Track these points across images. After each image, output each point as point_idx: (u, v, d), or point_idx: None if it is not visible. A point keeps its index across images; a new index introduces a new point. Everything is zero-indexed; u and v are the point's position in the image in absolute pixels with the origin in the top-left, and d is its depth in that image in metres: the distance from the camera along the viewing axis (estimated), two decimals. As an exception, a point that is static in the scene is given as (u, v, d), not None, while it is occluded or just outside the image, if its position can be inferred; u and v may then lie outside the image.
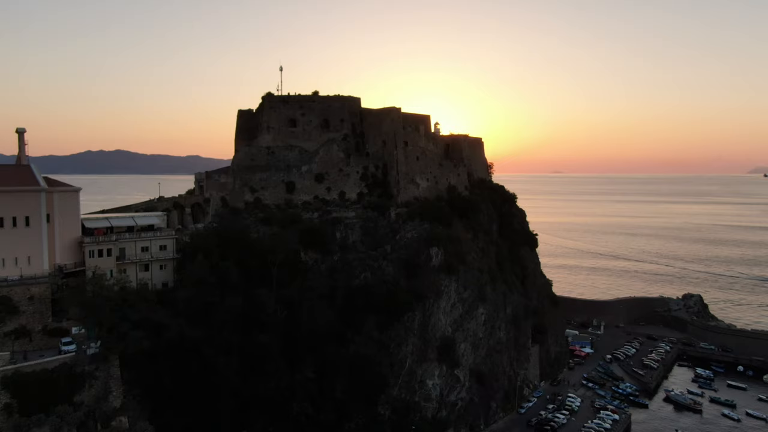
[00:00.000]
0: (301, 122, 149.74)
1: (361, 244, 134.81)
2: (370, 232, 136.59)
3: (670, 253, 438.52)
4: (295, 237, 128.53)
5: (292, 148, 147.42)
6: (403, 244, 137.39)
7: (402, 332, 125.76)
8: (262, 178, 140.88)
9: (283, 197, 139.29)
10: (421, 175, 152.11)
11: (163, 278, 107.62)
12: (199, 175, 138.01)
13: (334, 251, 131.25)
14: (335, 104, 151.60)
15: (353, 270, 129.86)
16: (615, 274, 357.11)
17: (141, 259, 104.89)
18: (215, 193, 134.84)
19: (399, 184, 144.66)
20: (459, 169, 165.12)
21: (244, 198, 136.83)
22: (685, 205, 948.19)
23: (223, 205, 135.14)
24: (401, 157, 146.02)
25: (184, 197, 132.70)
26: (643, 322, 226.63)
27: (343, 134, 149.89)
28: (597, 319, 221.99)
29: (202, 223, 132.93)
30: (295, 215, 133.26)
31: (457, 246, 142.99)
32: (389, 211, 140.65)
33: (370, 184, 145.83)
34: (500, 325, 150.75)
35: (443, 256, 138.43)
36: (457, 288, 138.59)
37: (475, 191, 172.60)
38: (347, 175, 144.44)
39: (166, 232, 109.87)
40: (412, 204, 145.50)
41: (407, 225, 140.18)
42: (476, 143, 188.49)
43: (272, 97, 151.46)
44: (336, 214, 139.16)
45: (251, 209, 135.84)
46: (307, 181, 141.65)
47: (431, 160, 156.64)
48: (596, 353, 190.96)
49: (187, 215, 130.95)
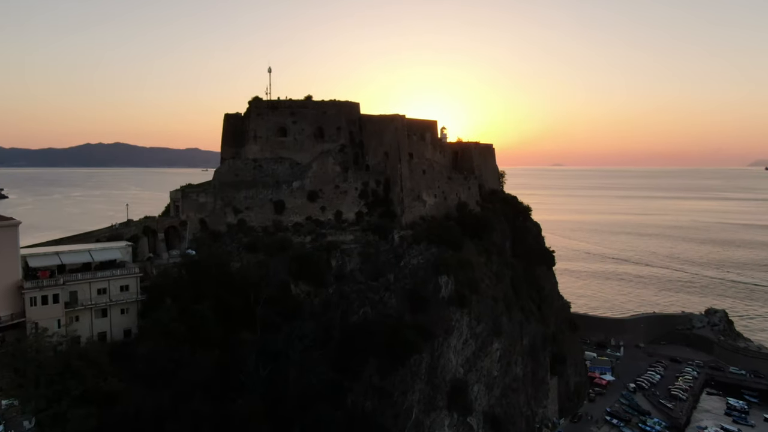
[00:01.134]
0: (293, 131, 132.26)
1: (360, 273, 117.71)
2: (371, 259, 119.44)
3: (681, 256, 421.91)
4: (284, 266, 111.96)
5: (281, 161, 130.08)
6: (408, 272, 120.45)
7: (407, 378, 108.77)
8: (247, 197, 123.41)
9: (271, 218, 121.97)
10: (428, 190, 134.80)
11: (125, 324, 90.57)
12: (174, 193, 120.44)
13: (329, 282, 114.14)
14: (331, 110, 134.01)
15: (351, 304, 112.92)
16: (626, 281, 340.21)
17: (97, 304, 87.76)
18: (193, 214, 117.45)
19: (403, 202, 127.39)
20: (470, 182, 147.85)
21: (227, 220, 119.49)
22: (691, 202, 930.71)
23: (202, 228, 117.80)
24: (406, 172, 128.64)
25: (156, 220, 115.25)
26: (664, 341, 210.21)
27: (339, 145, 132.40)
28: (615, 338, 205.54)
29: (178, 250, 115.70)
30: (285, 240, 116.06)
31: (468, 272, 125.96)
32: (392, 233, 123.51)
33: (371, 203, 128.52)
34: (516, 360, 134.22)
35: (453, 286, 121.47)
36: (470, 322, 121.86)
37: (486, 205, 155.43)
38: (344, 193, 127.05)
39: (129, 268, 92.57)
40: (417, 225, 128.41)
41: (412, 249, 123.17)
42: (487, 150, 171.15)
43: (260, 102, 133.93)
44: (331, 237, 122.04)
45: (234, 233, 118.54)
46: (299, 199, 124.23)
47: (439, 173, 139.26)
48: (618, 380, 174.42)
49: (161, 241, 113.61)
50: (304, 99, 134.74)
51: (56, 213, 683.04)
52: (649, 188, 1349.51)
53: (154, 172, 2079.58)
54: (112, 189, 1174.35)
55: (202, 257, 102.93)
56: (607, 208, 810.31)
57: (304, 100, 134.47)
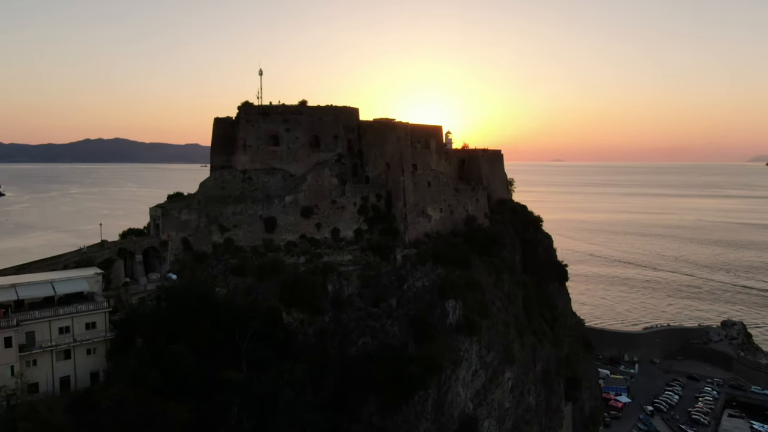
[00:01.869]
0: (286, 139, 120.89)
1: (359, 299, 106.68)
2: (371, 282, 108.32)
3: (689, 259, 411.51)
4: (274, 291, 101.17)
5: (273, 172, 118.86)
6: (412, 296, 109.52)
7: (411, 417, 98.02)
8: (235, 212, 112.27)
9: (261, 237, 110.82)
10: (434, 204, 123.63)
11: (91, 367, 79.66)
12: (153, 210, 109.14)
13: (325, 309, 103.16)
14: (327, 117, 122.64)
15: (349, 334, 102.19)
16: (632, 287, 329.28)
17: (59, 345, 76.87)
18: (175, 233, 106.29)
19: (407, 218, 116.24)
20: (478, 193, 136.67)
21: (212, 239, 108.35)
22: (694, 199, 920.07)
23: (185, 248, 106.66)
24: (409, 185, 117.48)
25: (134, 241, 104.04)
26: (680, 356, 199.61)
27: (336, 155, 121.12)
28: (629, 353, 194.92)
29: (158, 273, 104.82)
30: (276, 261, 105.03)
31: (478, 295, 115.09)
32: (394, 252, 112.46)
33: (371, 219, 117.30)
34: (529, 388, 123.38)
35: (462, 311, 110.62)
36: (479, 351, 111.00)
37: (495, 217, 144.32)
38: (342, 208, 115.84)
39: (97, 302, 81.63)
40: (422, 242, 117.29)
41: (416, 271, 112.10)
42: (495, 157, 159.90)
43: (250, 107, 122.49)
44: (328, 258, 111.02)
45: (221, 254, 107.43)
46: (292, 216, 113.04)
47: (445, 185, 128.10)
48: (634, 402, 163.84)
49: (138, 264, 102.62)
50: (298, 104, 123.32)
51: (51, 211, 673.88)
52: (652, 185, 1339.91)
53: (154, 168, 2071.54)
54: (109, 186, 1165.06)
55: (182, 285, 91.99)
56: (611, 206, 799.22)
57: (298, 106, 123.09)
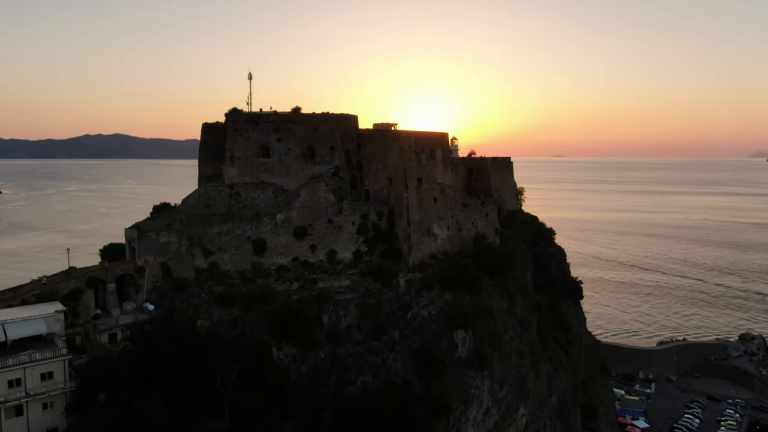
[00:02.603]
0: (277, 150, 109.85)
1: (358, 330, 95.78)
2: (371, 312, 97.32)
3: (698, 261, 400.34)
4: (263, 323, 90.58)
5: (263, 187, 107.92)
6: (417, 326, 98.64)
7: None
8: (220, 233, 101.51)
9: (250, 261, 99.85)
10: (440, 222, 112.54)
11: (48, 423, 69.15)
12: (129, 231, 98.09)
13: (320, 343, 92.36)
14: (323, 126, 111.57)
15: (347, 372, 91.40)
16: (640, 294, 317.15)
17: (8, 400, 66.16)
18: (153, 258, 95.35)
19: (411, 238, 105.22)
20: (487, 207, 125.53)
21: (195, 264, 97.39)
22: (698, 197, 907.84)
23: (164, 275, 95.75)
24: (413, 201, 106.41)
25: (106, 268, 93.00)
26: (697, 373, 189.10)
27: (333, 167, 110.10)
28: (644, 371, 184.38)
29: (133, 303, 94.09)
30: (265, 289, 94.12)
31: (489, 324, 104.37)
32: (397, 277, 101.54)
33: (371, 239, 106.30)
34: (545, 423, 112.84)
35: (472, 342, 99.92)
36: (491, 386, 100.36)
37: (506, 231, 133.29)
38: (339, 228, 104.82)
39: (55, 347, 70.85)
40: (427, 265, 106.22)
41: (422, 297, 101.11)
42: (504, 165, 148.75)
43: (238, 115, 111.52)
44: (323, 283, 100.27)
45: (204, 280, 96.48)
46: (284, 236, 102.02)
47: (453, 200, 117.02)
48: (652, 426, 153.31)
49: (111, 294, 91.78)
50: (292, 111, 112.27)
51: (47, 210, 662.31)
52: (653, 181, 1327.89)
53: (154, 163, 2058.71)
54: (108, 183, 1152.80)
55: (157, 323, 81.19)
56: (614, 205, 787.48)
57: (291, 113, 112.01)
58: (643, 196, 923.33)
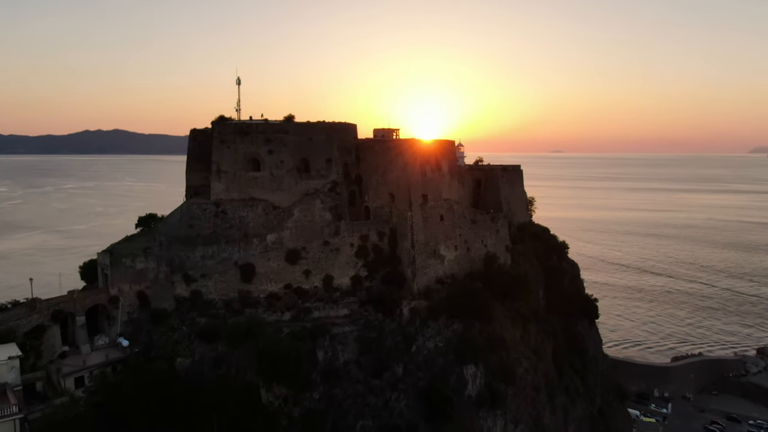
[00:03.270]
0: (268, 164, 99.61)
1: (357, 368, 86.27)
2: (371, 346, 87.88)
3: (706, 264, 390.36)
4: (251, 361, 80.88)
5: (253, 205, 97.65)
6: (423, 361, 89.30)
7: None
8: (204, 257, 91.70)
9: (237, 289, 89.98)
10: (447, 242, 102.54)
11: (-4, 494, 59.25)
12: (101, 256, 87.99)
13: (315, 383, 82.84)
14: (319, 136, 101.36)
15: (344, 415, 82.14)
16: (649, 299, 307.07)
17: (-54, 470, 56.49)
18: (128, 286, 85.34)
19: (415, 262, 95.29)
20: (498, 223, 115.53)
21: (175, 292, 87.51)
22: (701, 195, 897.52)
23: (141, 304, 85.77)
24: (418, 220, 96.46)
25: (74, 299, 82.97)
26: (715, 391, 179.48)
27: (330, 182, 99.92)
28: (659, 389, 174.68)
29: (106, 338, 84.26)
30: (253, 322, 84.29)
31: (502, 356, 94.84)
32: (400, 306, 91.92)
33: (371, 262, 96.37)
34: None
35: (483, 378, 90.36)
36: (505, 426, 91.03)
37: (517, 247, 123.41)
38: (336, 250, 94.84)
39: (5, 405, 60.90)
40: (434, 291, 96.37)
41: (427, 328, 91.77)
42: (515, 175, 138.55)
43: (225, 124, 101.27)
44: (318, 313, 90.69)
45: (185, 311, 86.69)
46: (274, 261, 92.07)
47: (461, 217, 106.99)
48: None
49: (80, 328, 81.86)
50: (284, 120, 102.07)
51: (43, 209, 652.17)
52: (654, 178, 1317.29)
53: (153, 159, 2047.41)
54: (106, 180, 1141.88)
55: (127, 372, 71.53)
56: (616, 203, 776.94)
57: (283, 122, 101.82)
58: (646, 194, 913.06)
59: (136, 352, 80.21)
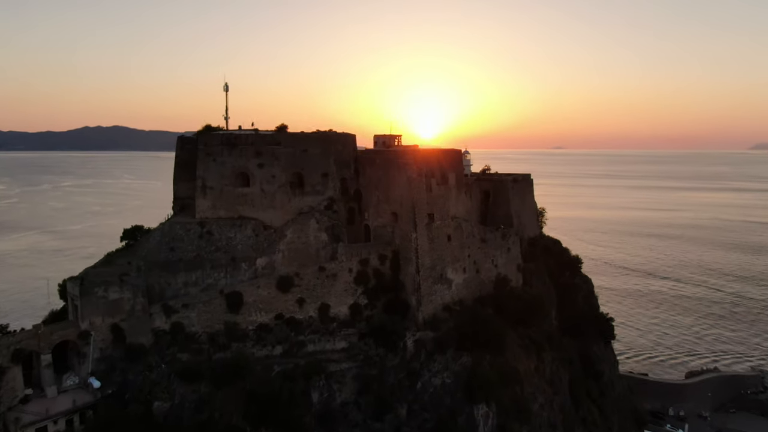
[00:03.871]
0: (259, 178, 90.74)
1: (356, 409, 77.61)
2: (372, 384, 79.22)
3: (714, 267, 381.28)
4: (238, 404, 72.25)
5: (241, 224, 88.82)
6: (428, 401, 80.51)
7: None
8: (187, 284, 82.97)
9: (223, 320, 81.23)
10: (455, 264, 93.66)
11: None
12: (70, 285, 78.95)
13: (309, 428, 74.18)
14: (314, 148, 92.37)
15: (342, 466, 73.34)
16: (657, 306, 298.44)
17: None
18: (100, 319, 76.53)
19: (420, 289, 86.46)
20: (509, 240, 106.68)
21: (153, 325, 78.71)
22: (705, 193, 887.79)
23: (115, 339, 77.00)
24: (424, 243, 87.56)
25: (39, 335, 74.04)
26: (733, 409, 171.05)
27: (326, 199, 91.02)
28: (674, 407, 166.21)
29: (75, 377, 75.50)
30: (241, 359, 75.66)
31: (516, 391, 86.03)
32: (404, 338, 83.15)
33: (372, 289, 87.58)
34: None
35: (496, 419, 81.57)
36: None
37: (528, 265, 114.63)
38: (333, 276, 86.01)
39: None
40: (440, 320, 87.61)
41: (434, 362, 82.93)
42: (525, 185, 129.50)
43: (211, 135, 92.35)
44: (313, 347, 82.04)
45: (165, 346, 77.98)
46: (265, 289, 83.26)
47: (470, 235, 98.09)
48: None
49: (45, 369, 73.07)
50: (276, 131, 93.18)
51: (39, 208, 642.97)
52: (657, 176, 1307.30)
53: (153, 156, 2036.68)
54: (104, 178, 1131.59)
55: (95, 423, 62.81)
56: (619, 202, 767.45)
57: (275, 133, 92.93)
58: (649, 192, 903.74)
59: (108, 394, 71.75)
